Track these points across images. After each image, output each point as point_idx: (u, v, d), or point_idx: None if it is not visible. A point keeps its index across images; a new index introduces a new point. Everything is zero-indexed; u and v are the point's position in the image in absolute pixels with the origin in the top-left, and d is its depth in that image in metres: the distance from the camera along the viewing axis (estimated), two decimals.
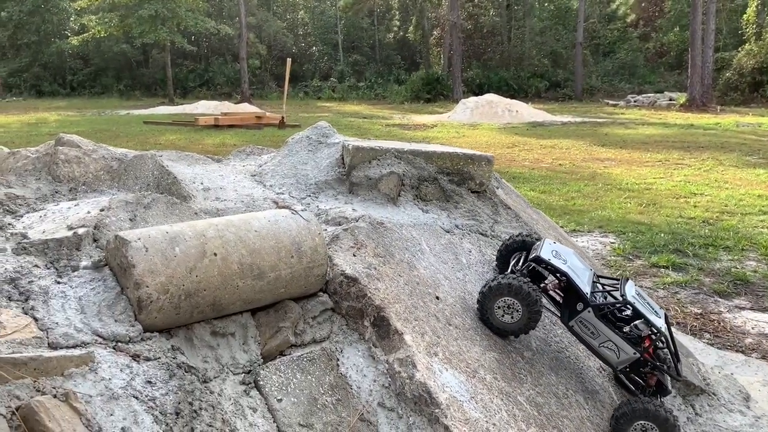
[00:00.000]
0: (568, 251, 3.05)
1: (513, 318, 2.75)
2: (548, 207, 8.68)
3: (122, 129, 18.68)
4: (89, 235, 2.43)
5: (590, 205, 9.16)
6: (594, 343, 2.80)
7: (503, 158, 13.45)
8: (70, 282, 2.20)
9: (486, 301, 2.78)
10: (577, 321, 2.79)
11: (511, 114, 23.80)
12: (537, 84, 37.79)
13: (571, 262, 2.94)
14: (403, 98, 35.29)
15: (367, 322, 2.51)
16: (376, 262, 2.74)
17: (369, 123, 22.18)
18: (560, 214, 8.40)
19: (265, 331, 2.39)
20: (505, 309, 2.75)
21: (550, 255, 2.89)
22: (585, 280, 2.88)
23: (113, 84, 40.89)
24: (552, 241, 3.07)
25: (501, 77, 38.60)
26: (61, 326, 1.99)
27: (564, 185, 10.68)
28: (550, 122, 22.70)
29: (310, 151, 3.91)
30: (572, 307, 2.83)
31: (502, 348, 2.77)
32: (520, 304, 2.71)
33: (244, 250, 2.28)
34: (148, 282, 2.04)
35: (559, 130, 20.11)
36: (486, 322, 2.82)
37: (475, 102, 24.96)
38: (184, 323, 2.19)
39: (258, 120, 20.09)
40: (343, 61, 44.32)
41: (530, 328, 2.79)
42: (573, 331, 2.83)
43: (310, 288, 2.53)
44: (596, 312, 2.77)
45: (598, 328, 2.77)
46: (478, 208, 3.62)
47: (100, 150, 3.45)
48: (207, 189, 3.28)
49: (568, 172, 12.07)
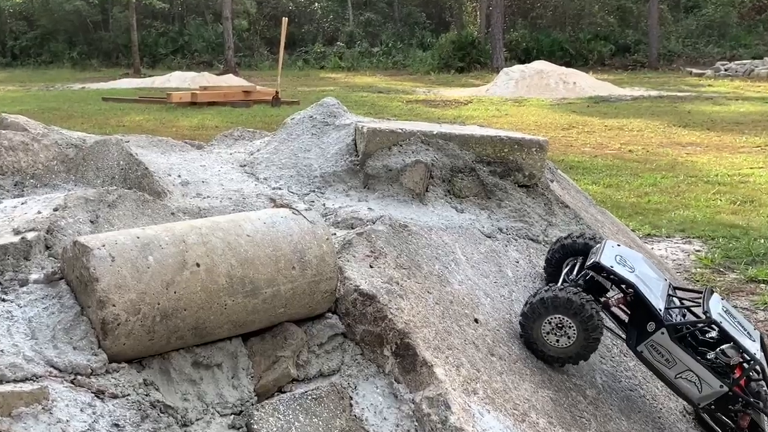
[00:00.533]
0: (636, 256, 3.04)
1: (565, 342, 2.74)
2: (615, 205, 8.64)
3: (76, 107, 18.89)
4: (40, 240, 2.46)
5: (669, 202, 9.10)
6: (669, 373, 2.78)
7: (558, 143, 13.41)
8: (18, 299, 2.24)
9: (530, 321, 2.78)
10: (648, 345, 2.78)
11: (566, 86, 23.69)
12: (600, 48, 37.53)
13: (640, 269, 2.93)
14: (429, 67, 35.26)
15: (388, 350, 2.53)
16: (399, 276, 2.75)
17: (386, 99, 22.23)
18: (631, 215, 8.35)
19: (259, 362, 2.41)
20: (555, 330, 2.74)
21: (612, 261, 2.88)
22: (658, 293, 2.87)
23: (65, 51, 41.30)
24: (615, 243, 3.07)
25: (554, 40, 38.41)
26: (7, 355, 2.02)
27: (635, 177, 10.62)
28: (617, 97, 22.57)
29: (314, 134, 3.93)
30: (641, 328, 2.82)
31: (558, 384, 2.78)
32: (573, 323, 2.71)
33: (233, 260, 2.30)
34: (115, 300, 2.07)
35: (628, 106, 19.99)
36: (531, 347, 2.82)
37: (520, 72, 24.88)
38: (159, 351, 2.21)
39: (246, 96, 20.21)
40: (353, 20, 44.41)
41: (587, 354, 2.79)
42: (642, 358, 2.82)
43: (316, 307, 2.54)
44: (672, 334, 2.76)
45: (675, 354, 2.76)
46: (528, 206, 3.62)
47: (52, 134, 3.51)
48: (186, 183, 3.31)
49: (640, 161, 12.00)
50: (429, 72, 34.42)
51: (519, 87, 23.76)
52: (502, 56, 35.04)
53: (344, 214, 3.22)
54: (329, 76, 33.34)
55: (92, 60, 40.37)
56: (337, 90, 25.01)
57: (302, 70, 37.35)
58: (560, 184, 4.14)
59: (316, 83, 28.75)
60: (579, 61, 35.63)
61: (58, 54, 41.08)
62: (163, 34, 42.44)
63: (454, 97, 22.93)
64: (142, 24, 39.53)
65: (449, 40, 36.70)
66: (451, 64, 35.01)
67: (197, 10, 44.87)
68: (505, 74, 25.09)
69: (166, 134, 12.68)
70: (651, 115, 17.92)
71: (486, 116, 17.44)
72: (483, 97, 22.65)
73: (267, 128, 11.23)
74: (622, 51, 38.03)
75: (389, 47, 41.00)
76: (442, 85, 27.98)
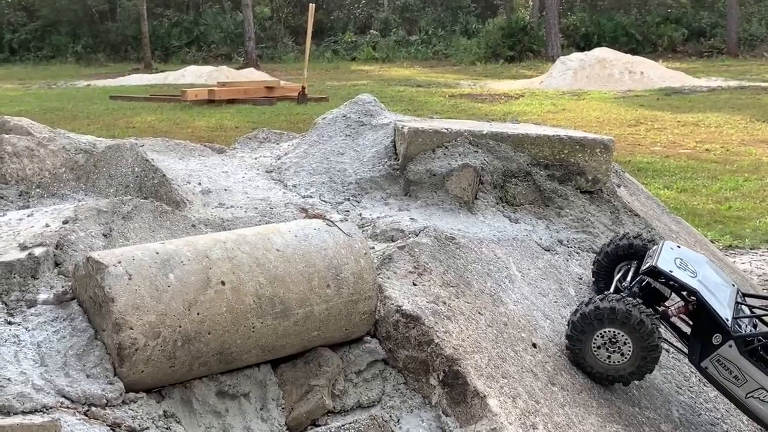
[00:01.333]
0: (699, 258, 3.01)
1: (618, 359, 2.73)
2: (691, 212, 8.54)
3: (81, 107, 19.21)
4: (49, 257, 2.52)
5: (753, 209, 8.96)
6: (739, 392, 2.75)
7: (624, 141, 13.30)
8: (26, 322, 2.29)
9: (579, 335, 2.77)
10: (713, 360, 2.76)
11: (633, 77, 23.48)
12: (671, 33, 37.14)
13: (704, 274, 2.91)
14: (475, 57, 35.20)
15: (435, 379, 2.53)
16: (446, 294, 2.76)
17: (426, 94, 22.24)
18: (709, 223, 8.25)
19: (291, 392, 2.44)
20: (607, 345, 2.73)
21: (672, 265, 2.86)
22: (724, 301, 2.84)
23: (68, 44, 41.98)
24: (674, 245, 3.04)
25: (617, 24, 38.11)
26: (15, 383, 2.07)
27: (714, 180, 10.48)
28: (691, 88, 22.31)
29: (349, 136, 3.97)
30: (706, 340, 2.80)
31: (629, 418, 2.76)
32: (628, 337, 2.69)
33: (262, 278, 2.34)
34: (133, 322, 2.11)
35: (704, 99, 19.75)
36: (580, 363, 2.81)
37: (579, 60, 24.73)
38: (180, 379, 2.25)
39: (269, 92, 20.36)
40: (388, 5, 44.57)
41: (642, 375, 2.77)
42: (707, 375, 2.80)
43: (354, 330, 2.57)
44: (741, 347, 2.73)
45: (745, 370, 2.73)
46: (591, 215, 3.61)
47: (59, 138, 3.58)
48: (207, 191, 3.37)
49: (719, 161, 11.84)
50: (474, 62, 34.33)
51: (578, 78, 23.58)
52: (558, 43, 34.82)
53: (383, 225, 3.24)
54: (361, 69, 33.43)
55: (98, 54, 40.93)
56: (371, 84, 25.07)
57: (331, 62, 37.51)
58: (628, 189, 4.12)
59: (347, 77, 28.85)
60: (647, 48, 35.26)
61: (60, 48, 41.72)
62: (177, 24, 42.92)
63: (504, 91, 22.84)
64: (153, 13, 40.02)
65: (498, 26, 36.56)
66: (499, 53, 34.86)
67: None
68: (562, 63, 24.93)
69: (181, 136, 12.86)
70: (730, 108, 17.67)
71: (540, 112, 17.35)
72: (536, 90, 22.52)
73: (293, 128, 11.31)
74: (696, 36, 37.54)
75: (429, 35, 40.97)
76: (490, 77, 27.89)
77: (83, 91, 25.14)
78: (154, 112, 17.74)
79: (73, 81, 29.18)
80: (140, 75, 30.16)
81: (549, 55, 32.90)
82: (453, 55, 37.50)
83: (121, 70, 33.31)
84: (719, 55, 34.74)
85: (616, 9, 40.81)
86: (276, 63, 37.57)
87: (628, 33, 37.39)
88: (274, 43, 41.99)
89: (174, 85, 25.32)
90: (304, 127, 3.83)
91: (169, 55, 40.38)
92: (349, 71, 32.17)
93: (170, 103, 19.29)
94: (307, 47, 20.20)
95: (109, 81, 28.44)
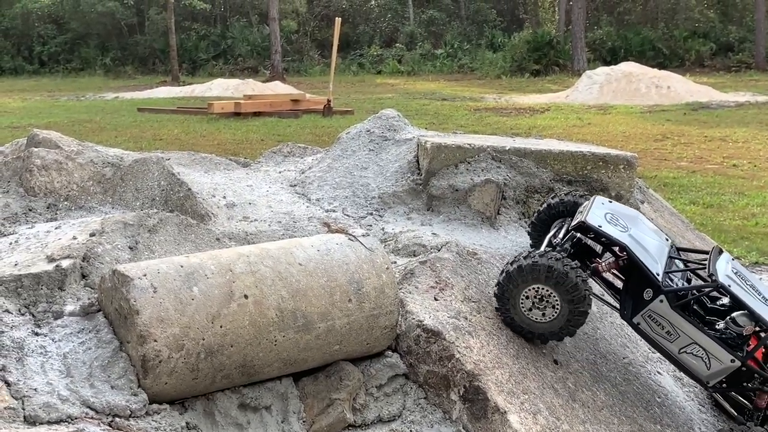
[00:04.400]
0: (633, 214, 2.98)
1: (547, 315, 2.71)
2: (717, 228, 8.48)
3: (109, 119, 19.40)
4: (76, 269, 2.56)
5: None
6: (672, 347, 2.73)
7: (649, 156, 13.23)
8: (52, 333, 2.33)
9: (506, 294, 2.75)
10: (645, 316, 2.74)
11: (659, 91, 23.37)
12: (698, 47, 36.94)
13: (636, 229, 2.87)
14: (500, 71, 35.20)
15: (455, 394, 2.54)
16: (468, 309, 2.77)
17: (450, 107, 22.25)
18: (735, 239, 8.18)
19: (312, 405, 2.45)
20: (535, 302, 2.71)
21: (601, 220, 2.82)
22: (656, 256, 2.81)
23: (96, 57, 42.44)
24: (606, 200, 3.02)
25: (644, 38, 37.96)
26: (41, 394, 2.10)
27: (741, 196, 10.40)
28: (719, 103, 22.16)
29: (372, 150, 4.00)
30: (637, 296, 2.77)
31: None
32: (554, 292, 2.67)
33: (284, 291, 2.36)
34: (157, 334, 2.15)
35: (732, 114, 19.60)
36: (506, 318, 2.79)
37: (606, 75, 24.65)
38: (203, 392, 2.28)
39: (294, 105, 20.47)
40: (414, 19, 44.66)
41: (572, 330, 2.75)
42: (639, 331, 2.77)
43: (375, 345, 2.58)
44: (673, 301, 2.70)
45: (677, 325, 2.70)
46: None
47: (87, 152, 3.64)
48: (232, 205, 3.41)
49: (746, 177, 11.74)
50: (500, 76, 34.33)
51: (604, 92, 23.50)
52: (584, 57, 34.74)
53: (405, 240, 3.26)
54: (387, 82, 33.51)
55: (126, 66, 41.35)
56: (396, 97, 25.12)
57: (357, 75, 37.64)
58: (652, 205, 4.10)
59: (372, 90, 28.93)
60: (674, 62, 35.09)
61: (89, 60, 42.18)
62: (204, 37, 43.27)
63: (529, 104, 22.80)
64: (181, 26, 40.37)
65: (523, 39, 36.54)
66: (525, 67, 34.84)
67: (241, 11, 45.70)
68: (588, 78, 24.86)
69: (207, 148, 12.94)
70: (758, 123, 17.52)
71: (566, 126, 17.30)
72: (562, 104, 22.46)
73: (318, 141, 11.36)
74: (723, 50, 37.30)
75: (454, 49, 41.02)
76: (515, 91, 27.86)
77: (111, 103, 25.41)
78: (180, 125, 17.88)
79: (101, 93, 29.50)
80: (168, 87, 30.44)
81: (575, 69, 32.85)
82: (478, 69, 37.50)
83: (149, 83, 33.63)
84: (747, 70, 34.49)
85: (643, 23, 40.67)
86: (302, 76, 37.76)
87: (655, 47, 37.23)
88: (300, 57, 42.20)
89: (201, 97, 25.52)
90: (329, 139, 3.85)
91: (196, 68, 40.72)
92: (375, 84, 32.26)
93: (197, 116, 19.45)
94: (333, 60, 20.29)
95: (137, 93, 28.71)
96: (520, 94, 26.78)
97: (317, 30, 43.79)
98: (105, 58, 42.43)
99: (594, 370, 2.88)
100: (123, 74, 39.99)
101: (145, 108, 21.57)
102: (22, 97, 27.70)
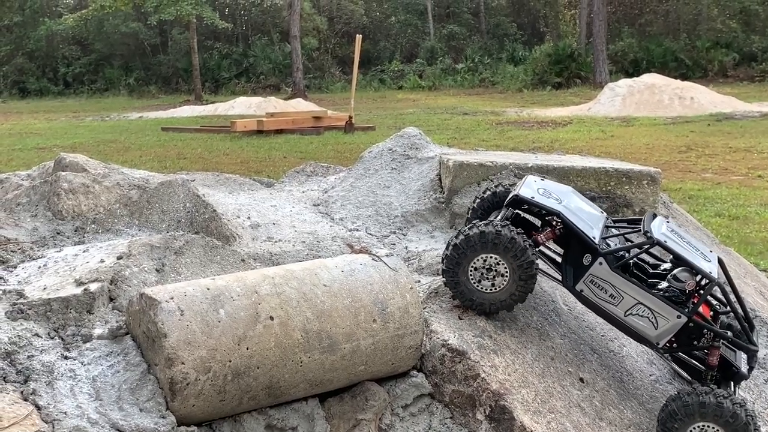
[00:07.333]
0: (566, 189, 3.00)
1: (497, 284, 2.71)
2: (743, 240, 8.42)
3: (134, 138, 19.61)
4: (104, 292, 2.60)
5: None
6: (617, 311, 2.71)
7: (673, 168, 13.17)
8: (81, 357, 2.36)
9: (454, 267, 2.74)
10: (587, 281, 2.72)
11: (683, 102, 23.28)
12: (721, 57, 36.77)
13: (569, 201, 2.89)
14: (522, 84, 35.21)
15: (481, 414, 2.54)
16: (492, 328, 2.77)
17: (472, 121, 22.28)
18: (762, 252, 8.12)
19: (338, 425, 2.46)
20: (483, 272, 2.71)
21: (534, 192, 2.85)
22: (590, 222, 2.82)
23: (120, 77, 42.93)
24: (539, 178, 3.04)
25: (666, 49, 37.85)
26: (71, 417, 2.13)
27: (766, 208, 10.32)
28: (743, 113, 22.02)
29: (394, 169, 4.02)
30: (577, 262, 2.77)
31: None
32: (502, 259, 2.66)
33: (309, 313, 2.38)
34: (184, 357, 2.17)
35: (756, 124, 19.48)
36: (456, 289, 2.77)
37: (628, 87, 24.59)
38: (230, 413, 2.30)
39: (316, 122, 20.59)
40: (434, 34, 44.80)
41: (526, 293, 2.73)
42: (583, 298, 2.76)
43: (400, 365, 2.59)
44: (612, 263, 2.69)
45: (619, 286, 2.68)
46: None
47: (113, 174, 3.69)
48: (256, 225, 3.44)
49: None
50: (521, 89, 34.35)
51: (626, 104, 23.44)
52: (606, 69, 34.67)
53: (429, 259, 3.27)
54: (408, 97, 33.61)
55: (150, 86, 41.79)
56: (417, 112, 25.20)
57: (378, 91, 37.81)
58: (677, 220, 4.09)
59: (394, 105, 29.04)
60: (697, 73, 34.95)
61: (113, 81, 42.68)
62: (226, 56, 43.65)
63: (551, 118, 22.78)
64: (203, 46, 40.76)
65: (544, 52, 36.56)
66: (546, 80, 34.84)
67: (263, 29, 46.06)
68: (610, 90, 24.82)
69: (230, 166, 13.02)
70: None
71: (588, 139, 17.26)
72: (584, 117, 22.42)
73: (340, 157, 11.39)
74: (747, 60, 37.10)
75: (475, 63, 41.09)
76: (537, 104, 27.84)
77: (135, 123, 25.67)
78: (204, 143, 18.03)
79: (125, 113, 29.81)
80: (191, 106, 30.73)
81: (597, 82, 32.81)
82: (499, 83, 37.56)
83: (173, 102, 33.96)
84: None
85: (665, 34, 40.55)
86: (323, 93, 37.98)
87: (678, 58, 37.12)
88: (321, 74, 42.47)
89: (223, 116, 25.76)
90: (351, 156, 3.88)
91: (219, 87, 41.09)
92: (396, 100, 32.38)
93: (220, 134, 19.62)
94: (354, 77, 20.39)
95: (161, 113, 29.00)
96: (541, 108, 26.78)
97: (338, 47, 44.06)
98: (129, 79, 42.92)
99: (620, 388, 2.87)
100: (147, 94, 40.45)
101: (169, 127, 21.78)
102: (47, 117, 28.06)
